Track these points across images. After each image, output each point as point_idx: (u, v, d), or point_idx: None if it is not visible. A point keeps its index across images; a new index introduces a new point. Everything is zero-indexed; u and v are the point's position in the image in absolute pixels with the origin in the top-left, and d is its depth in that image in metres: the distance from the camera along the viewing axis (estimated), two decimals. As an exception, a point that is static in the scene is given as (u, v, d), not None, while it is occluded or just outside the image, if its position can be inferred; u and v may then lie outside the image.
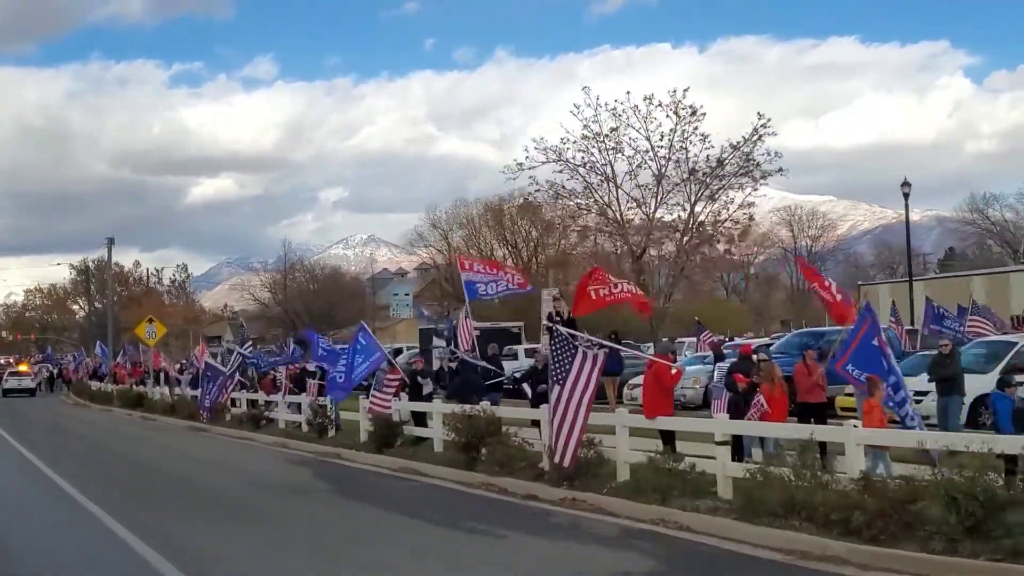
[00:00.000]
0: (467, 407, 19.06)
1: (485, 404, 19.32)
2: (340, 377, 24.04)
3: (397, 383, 23.44)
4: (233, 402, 34.47)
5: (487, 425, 18.25)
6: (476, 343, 33.57)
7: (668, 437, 15.16)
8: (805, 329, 27.08)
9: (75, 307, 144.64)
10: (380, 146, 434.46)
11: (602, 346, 15.10)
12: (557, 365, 15.20)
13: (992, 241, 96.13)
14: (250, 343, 33.82)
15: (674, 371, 14.85)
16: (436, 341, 42.28)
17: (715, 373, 19.72)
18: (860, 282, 69.87)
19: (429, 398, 23.22)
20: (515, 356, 36.90)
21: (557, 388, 15.23)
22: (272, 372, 32.15)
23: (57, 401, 61.47)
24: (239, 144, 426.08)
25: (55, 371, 77.31)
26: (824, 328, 28.92)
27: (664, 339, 22.33)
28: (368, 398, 24.03)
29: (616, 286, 16.76)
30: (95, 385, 59.99)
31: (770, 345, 34.80)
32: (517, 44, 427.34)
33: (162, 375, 45.59)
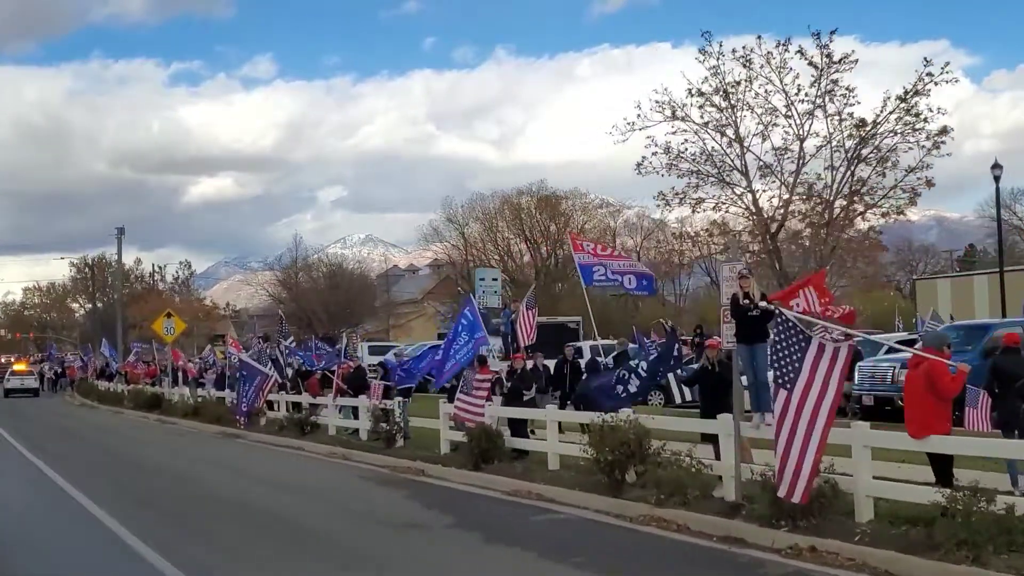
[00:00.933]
0: (607, 416, 14.91)
1: (627, 411, 15.16)
2: (437, 355, 19.78)
3: (488, 385, 19.27)
4: (269, 405, 30.31)
5: (637, 439, 14.12)
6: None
7: (943, 464, 10.92)
8: (963, 321, 23.13)
9: (75, 305, 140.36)
10: (379, 145, 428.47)
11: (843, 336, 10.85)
12: (783, 363, 11.05)
13: (1019, 237, 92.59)
14: (292, 338, 29.55)
15: (955, 371, 10.64)
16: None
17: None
18: (915, 276, 65.43)
19: (533, 403, 19.05)
20: (580, 354, 32.66)
21: (784, 394, 11.07)
22: (321, 371, 27.90)
23: (62, 402, 57.21)
24: (238, 143, 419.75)
25: (58, 370, 72.93)
26: (988, 320, 24.83)
27: (932, 324, 18.06)
28: (451, 402, 20.02)
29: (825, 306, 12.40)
30: (103, 385, 55.71)
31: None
32: (517, 43, 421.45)
33: (180, 375, 41.30)
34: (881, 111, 19.92)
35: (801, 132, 20.47)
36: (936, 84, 19.24)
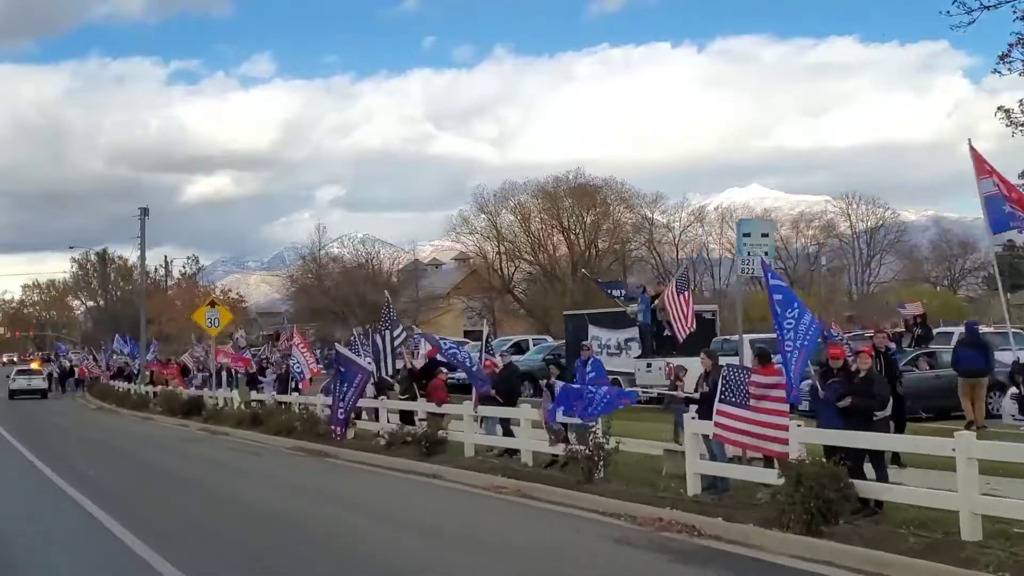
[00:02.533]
0: None
1: None
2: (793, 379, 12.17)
3: (783, 392, 12.15)
4: (355, 413, 23.20)
5: None
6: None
7: None
8: None
9: (75, 303, 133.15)
10: (378, 144, 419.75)
11: None
12: None
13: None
14: (401, 329, 22.31)
15: None
16: (596, 331, 30.85)
17: None
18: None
19: (885, 425, 11.88)
20: (735, 352, 25.58)
21: None
22: (443, 370, 20.64)
23: (75, 405, 49.79)
24: (236, 142, 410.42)
25: (64, 369, 65.53)
26: None
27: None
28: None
29: None
30: (119, 386, 48.35)
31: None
32: (516, 42, 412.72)
33: (224, 375, 34.02)
34: None
35: None
36: None
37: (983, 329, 22.31)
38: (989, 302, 77.83)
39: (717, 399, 12.82)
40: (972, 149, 13.22)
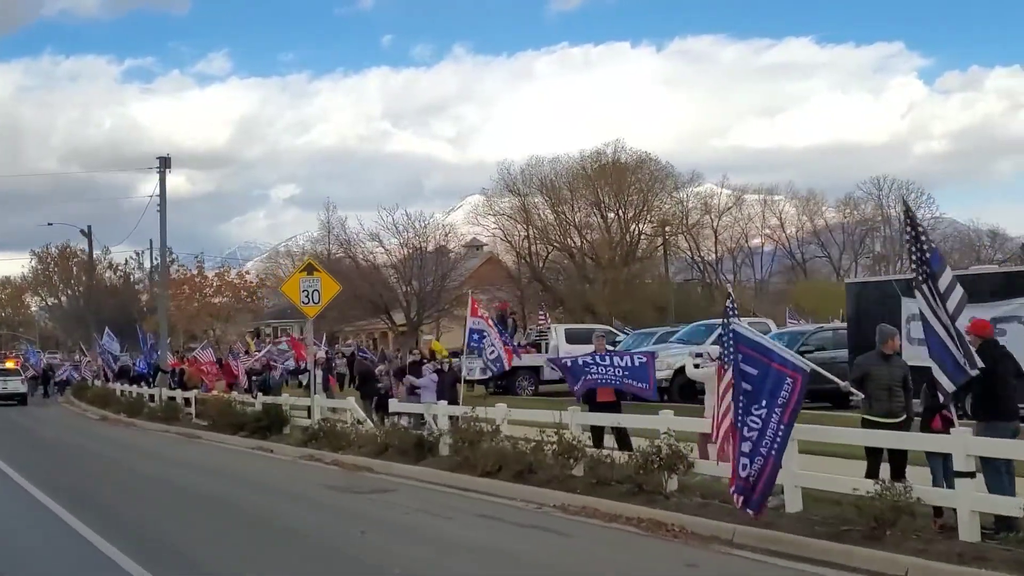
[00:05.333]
0: None
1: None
2: None
3: None
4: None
5: None
6: None
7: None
8: None
9: (35, 299, 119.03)
10: (334, 143, 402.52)
11: None
12: None
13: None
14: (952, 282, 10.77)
15: None
16: (917, 307, 19.86)
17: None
18: None
19: None
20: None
21: None
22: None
23: (67, 413, 37.74)
24: (191, 140, 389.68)
25: (46, 370, 53.41)
26: None
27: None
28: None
29: None
30: (127, 390, 36.32)
31: None
32: (476, 41, 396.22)
33: (320, 374, 22.38)
34: None
35: None
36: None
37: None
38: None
39: None
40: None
